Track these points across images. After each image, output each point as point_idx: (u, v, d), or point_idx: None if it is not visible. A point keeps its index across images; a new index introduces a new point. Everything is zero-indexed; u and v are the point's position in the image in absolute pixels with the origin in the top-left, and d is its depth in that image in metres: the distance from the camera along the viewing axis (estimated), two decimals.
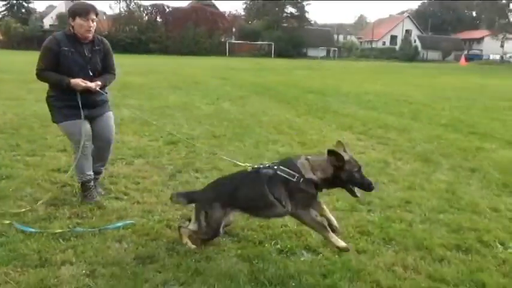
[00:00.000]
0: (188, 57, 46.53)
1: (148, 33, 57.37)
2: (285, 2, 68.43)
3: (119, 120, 5.90)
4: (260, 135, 7.28)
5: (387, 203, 4.21)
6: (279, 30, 64.63)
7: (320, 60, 57.02)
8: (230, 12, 71.93)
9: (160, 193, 4.30)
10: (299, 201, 2.93)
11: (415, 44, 73.27)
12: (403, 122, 9.20)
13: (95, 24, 3.79)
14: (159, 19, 61.71)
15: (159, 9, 61.68)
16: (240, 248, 3.18)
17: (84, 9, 3.73)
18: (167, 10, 61.85)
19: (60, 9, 61.73)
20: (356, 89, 16.33)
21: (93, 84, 3.82)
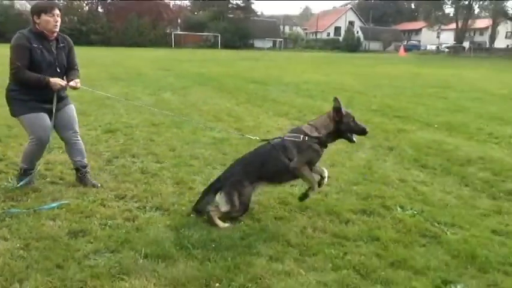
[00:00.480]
0: (132, 49, 45.55)
1: (89, 24, 55.41)
2: None
3: None
4: (198, 122, 7.55)
5: None
6: (225, 22, 64.55)
7: (266, 51, 57.66)
8: (175, 2, 70.97)
9: (97, 177, 4.47)
10: (304, 156, 3.51)
11: (357, 35, 75.67)
12: None
13: (59, 19, 3.91)
14: (100, 9, 59.74)
15: None
16: (169, 219, 3.48)
17: (49, 5, 3.86)
18: (109, 0, 60.02)
19: None
20: (297, 78, 16.90)
21: (73, 83, 4.01)
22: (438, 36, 75.01)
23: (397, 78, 18.86)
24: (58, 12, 3.87)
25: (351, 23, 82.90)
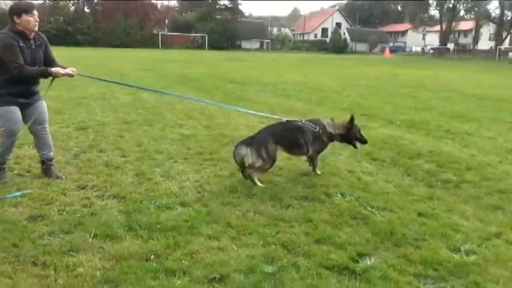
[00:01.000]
0: (118, 50, 45.65)
1: (75, 24, 55.38)
2: None
3: None
4: (170, 120, 7.85)
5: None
6: (213, 22, 64.84)
7: (253, 52, 58.03)
8: (162, 3, 71.05)
9: (62, 170, 4.75)
10: (316, 146, 4.67)
11: (344, 36, 76.45)
12: (308, 107, 10.17)
13: (38, 19, 4.21)
14: (87, 10, 59.60)
15: None
16: (123, 205, 3.78)
17: (29, 5, 4.17)
18: (95, 0, 59.94)
19: None
20: (277, 79, 17.27)
21: (69, 70, 4.30)
22: (424, 38, 76.17)
23: (375, 78, 19.32)
24: (37, 12, 4.19)
25: (338, 25, 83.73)
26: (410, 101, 11.79)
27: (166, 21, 67.18)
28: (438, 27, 65.54)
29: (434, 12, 67.26)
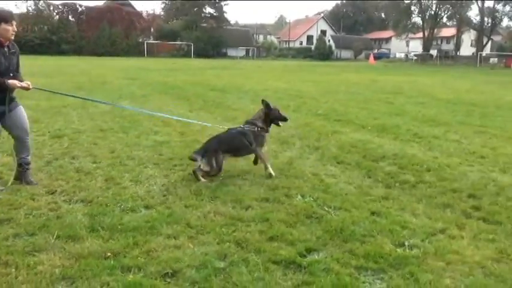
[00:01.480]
0: (103, 58, 45.62)
1: (60, 33, 55.16)
2: (204, 2, 69.00)
3: None
4: (146, 127, 8.00)
5: (229, 174, 5.17)
6: (198, 31, 65.13)
7: (239, 60, 58.34)
8: (147, 12, 71.13)
9: (33, 176, 4.87)
10: (258, 141, 5.17)
11: (329, 43, 77.30)
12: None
13: (16, 29, 4.35)
14: (71, 18, 59.41)
15: (70, 8, 59.31)
16: (88, 208, 3.94)
17: (8, 15, 4.30)
18: (80, 9, 59.75)
19: None
20: (258, 86, 17.53)
21: (25, 84, 4.40)
22: (407, 45, 77.35)
23: (355, 85, 19.69)
24: (15, 22, 4.34)
25: (323, 32, 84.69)
26: (385, 107, 12.09)
27: (152, 30, 67.19)
28: (421, 34, 66.69)
29: (416, 19, 68.46)
